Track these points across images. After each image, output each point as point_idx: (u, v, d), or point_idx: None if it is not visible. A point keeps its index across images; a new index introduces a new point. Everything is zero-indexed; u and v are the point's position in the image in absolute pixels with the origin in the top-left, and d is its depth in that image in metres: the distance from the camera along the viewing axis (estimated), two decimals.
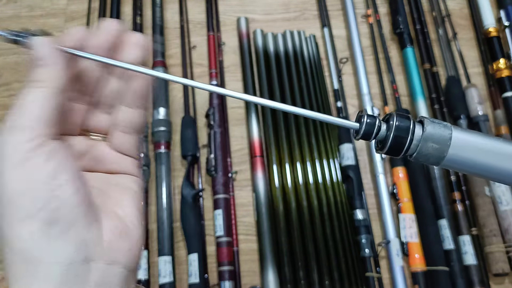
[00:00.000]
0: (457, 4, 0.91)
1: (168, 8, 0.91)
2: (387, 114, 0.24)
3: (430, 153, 0.23)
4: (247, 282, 0.69)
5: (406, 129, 0.23)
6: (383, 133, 0.24)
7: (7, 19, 0.92)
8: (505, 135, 0.76)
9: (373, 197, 0.75)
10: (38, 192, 0.22)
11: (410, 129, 0.23)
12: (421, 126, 0.23)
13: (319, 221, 0.70)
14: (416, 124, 0.23)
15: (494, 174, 0.24)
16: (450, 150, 0.23)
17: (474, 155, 0.23)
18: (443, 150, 0.23)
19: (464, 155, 0.23)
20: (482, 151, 0.23)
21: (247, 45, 0.85)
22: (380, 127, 0.23)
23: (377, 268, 0.69)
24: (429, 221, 0.70)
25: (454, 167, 0.24)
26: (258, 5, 0.93)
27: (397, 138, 0.23)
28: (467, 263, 0.68)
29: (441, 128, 0.23)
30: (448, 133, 0.23)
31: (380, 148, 0.24)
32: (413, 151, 0.23)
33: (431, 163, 0.24)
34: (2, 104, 0.84)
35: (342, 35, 0.89)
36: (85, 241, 0.22)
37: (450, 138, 0.23)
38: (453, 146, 0.23)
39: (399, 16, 0.85)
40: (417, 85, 0.80)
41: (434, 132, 0.23)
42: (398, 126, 0.23)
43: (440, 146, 0.23)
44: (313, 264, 0.67)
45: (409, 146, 0.23)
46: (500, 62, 0.81)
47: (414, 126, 0.23)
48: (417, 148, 0.23)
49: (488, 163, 0.24)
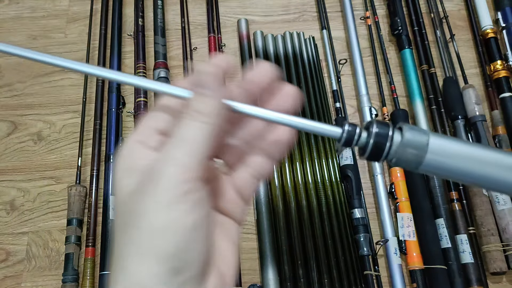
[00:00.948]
0: (454, 5, 0.92)
1: (169, 10, 0.92)
2: (367, 122, 0.25)
3: (409, 159, 0.24)
4: (247, 281, 0.70)
5: (385, 135, 0.24)
6: (364, 140, 0.24)
7: (10, 20, 0.93)
8: (503, 136, 0.77)
9: (371, 197, 0.76)
10: (176, 237, 0.21)
11: (389, 135, 0.24)
12: (400, 133, 0.24)
13: (318, 220, 0.71)
14: (395, 131, 0.24)
15: (471, 179, 0.25)
16: (427, 155, 0.24)
17: (451, 161, 0.24)
18: (421, 155, 0.24)
19: (441, 161, 0.24)
20: (459, 157, 0.24)
21: (247, 46, 0.86)
22: (360, 135, 0.24)
23: (376, 266, 0.70)
24: (426, 220, 0.71)
25: (432, 172, 0.25)
26: (258, 7, 0.93)
27: (376, 144, 0.24)
28: (465, 262, 0.69)
29: (419, 134, 0.24)
30: (426, 139, 0.24)
31: (361, 153, 0.25)
32: (392, 157, 0.24)
33: (411, 168, 0.25)
34: (4, 104, 0.85)
35: (341, 36, 0.90)
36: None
37: (427, 144, 0.24)
38: (430, 151, 0.24)
39: (397, 18, 0.86)
40: (415, 86, 0.81)
41: (412, 138, 0.24)
42: (377, 133, 0.24)
43: (418, 152, 0.24)
44: (312, 263, 0.68)
45: (388, 151, 0.24)
46: (497, 63, 0.82)
47: (393, 132, 0.24)
48: (396, 153, 0.24)
49: (465, 168, 0.24)
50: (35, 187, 0.78)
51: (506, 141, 0.76)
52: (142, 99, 0.80)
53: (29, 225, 0.75)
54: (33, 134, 0.82)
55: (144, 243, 0.21)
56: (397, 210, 0.72)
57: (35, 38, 0.91)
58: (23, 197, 0.77)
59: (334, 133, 0.24)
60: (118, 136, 0.78)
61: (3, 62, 0.89)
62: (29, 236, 0.74)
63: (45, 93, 0.86)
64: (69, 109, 0.84)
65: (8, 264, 0.73)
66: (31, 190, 0.78)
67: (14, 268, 0.72)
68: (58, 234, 0.74)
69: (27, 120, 0.83)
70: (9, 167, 0.80)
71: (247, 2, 0.94)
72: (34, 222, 0.75)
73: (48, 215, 0.76)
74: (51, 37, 0.91)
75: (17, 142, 0.82)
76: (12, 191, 0.78)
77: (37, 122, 0.83)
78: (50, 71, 0.87)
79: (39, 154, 0.80)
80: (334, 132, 0.24)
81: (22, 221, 0.75)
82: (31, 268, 0.72)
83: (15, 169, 0.79)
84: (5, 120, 0.83)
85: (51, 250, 0.73)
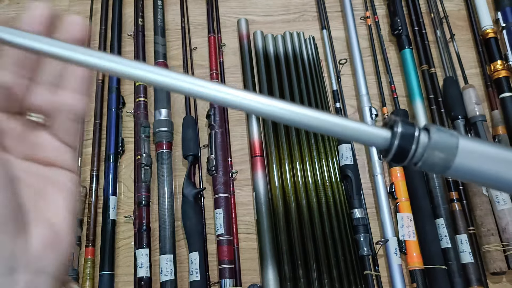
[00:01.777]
0: (455, 5, 0.92)
1: (169, 10, 0.92)
2: (391, 120, 0.23)
3: (436, 162, 0.22)
4: (247, 280, 0.70)
5: (411, 136, 0.22)
6: (388, 141, 0.23)
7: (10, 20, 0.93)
8: (503, 136, 0.77)
9: (371, 197, 0.76)
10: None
11: (415, 137, 0.22)
12: (426, 134, 0.23)
13: (318, 220, 0.71)
14: (422, 132, 0.23)
15: (501, 184, 0.23)
16: (456, 159, 0.22)
17: (481, 165, 0.23)
18: (449, 159, 0.22)
19: (470, 165, 0.23)
20: (489, 161, 0.23)
21: (247, 46, 0.86)
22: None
23: (376, 266, 0.70)
24: (426, 220, 0.71)
25: (460, 176, 0.23)
26: (258, 7, 0.93)
27: (401, 146, 0.22)
28: (465, 262, 0.69)
29: (447, 136, 0.22)
30: (455, 142, 0.22)
31: (384, 155, 0.23)
32: (418, 160, 0.22)
33: (437, 172, 0.23)
34: None
35: (341, 36, 0.90)
36: (11, 252, 0.20)
37: (457, 147, 0.22)
38: (459, 155, 0.22)
39: (398, 18, 0.86)
40: (415, 86, 0.81)
41: (440, 141, 0.22)
42: (402, 134, 0.22)
43: (446, 155, 0.22)
44: (312, 263, 0.68)
45: (414, 154, 0.22)
46: (497, 63, 0.82)
47: (419, 133, 0.22)
48: (422, 156, 0.22)
49: (496, 173, 0.23)
50: None
51: (506, 141, 0.76)
52: (142, 99, 0.80)
53: None
54: None
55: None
56: (397, 210, 0.72)
57: None
58: None
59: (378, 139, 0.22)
60: (118, 136, 0.78)
61: None
62: None
63: None
64: None
65: None
66: None
67: None
68: None
69: None
70: None
71: (247, 2, 0.94)
72: None
73: None
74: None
75: None
76: None
77: None
78: None
79: None
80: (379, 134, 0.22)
81: None
82: None
83: None
84: None
85: None
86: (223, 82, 0.85)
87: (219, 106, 0.79)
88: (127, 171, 0.78)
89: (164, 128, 0.76)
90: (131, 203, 0.75)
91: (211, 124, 0.78)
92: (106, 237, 0.71)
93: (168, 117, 0.78)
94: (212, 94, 0.22)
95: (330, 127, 0.22)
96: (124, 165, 0.79)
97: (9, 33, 0.22)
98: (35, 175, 0.23)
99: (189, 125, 0.78)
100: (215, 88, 0.22)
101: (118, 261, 0.72)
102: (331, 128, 0.23)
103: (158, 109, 0.78)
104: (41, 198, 0.23)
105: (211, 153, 0.75)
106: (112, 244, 0.71)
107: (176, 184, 0.76)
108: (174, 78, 0.22)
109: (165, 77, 0.22)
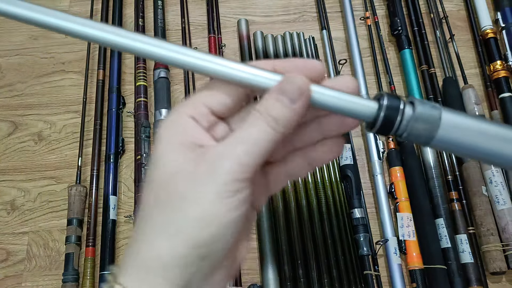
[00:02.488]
0: (454, 6, 0.92)
1: (170, 10, 0.92)
2: (377, 94, 0.24)
3: (420, 134, 0.23)
4: (247, 280, 0.70)
5: (396, 108, 0.23)
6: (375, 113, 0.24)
7: (11, 20, 0.93)
8: None
9: (371, 197, 0.76)
10: (211, 229, 0.21)
11: (400, 109, 0.23)
12: (411, 107, 0.24)
13: (318, 220, 0.71)
14: (407, 105, 0.24)
15: (483, 154, 0.24)
16: (439, 130, 0.23)
17: (463, 136, 0.24)
18: (432, 130, 0.23)
19: (453, 136, 0.24)
20: (472, 132, 0.24)
21: (247, 47, 0.86)
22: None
23: (375, 266, 0.70)
24: (426, 220, 0.71)
25: (443, 147, 0.24)
26: (258, 7, 0.94)
27: (387, 117, 0.23)
28: (464, 262, 0.69)
29: (431, 108, 0.23)
30: (438, 114, 0.23)
31: (370, 127, 0.24)
32: (403, 131, 0.24)
33: (421, 142, 0.24)
34: (5, 104, 0.85)
35: (340, 37, 0.90)
36: (205, 282, 0.22)
37: (440, 119, 0.23)
38: (442, 126, 0.23)
39: (397, 18, 0.86)
40: (415, 86, 0.81)
41: (424, 112, 0.23)
42: (388, 106, 0.23)
43: (429, 126, 0.23)
44: (312, 263, 0.68)
45: (399, 126, 0.23)
46: (497, 63, 0.82)
47: (404, 106, 0.23)
48: (406, 128, 0.23)
49: (477, 144, 0.24)
50: (35, 187, 0.78)
51: None
52: (142, 99, 0.80)
53: (29, 225, 0.75)
54: (33, 134, 0.82)
55: (177, 226, 0.21)
56: (397, 210, 0.72)
57: (36, 38, 0.91)
58: (23, 197, 0.77)
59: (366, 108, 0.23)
60: (118, 136, 0.79)
61: (4, 62, 0.89)
62: (30, 236, 0.74)
63: (46, 93, 0.86)
64: (70, 109, 0.84)
65: (8, 264, 0.73)
66: (31, 190, 0.78)
67: (15, 268, 0.72)
68: (58, 234, 0.74)
69: (28, 120, 0.83)
70: (9, 167, 0.80)
71: (247, 2, 0.94)
72: (35, 222, 0.75)
73: (48, 215, 0.76)
74: (52, 37, 0.91)
75: (18, 142, 0.82)
76: (13, 191, 0.78)
77: (37, 122, 0.83)
78: (50, 72, 0.88)
79: (40, 154, 0.81)
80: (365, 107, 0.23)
81: (23, 221, 0.76)
82: (31, 268, 0.72)
83: (16, 169, 0.80)
84: (6, 120, 0.84)
85: (52, 250, 0.73)
86: None
87: None
88: (128, 171, 0.78)
89: None
90: (131, 203, 0.75)
91: None
92: (107, 237, 0.71)
93: None
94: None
95: (317, 97, 0.23)
96: (125, 165, 0.79)
97: (5, 2, 0.22)
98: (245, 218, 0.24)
99: None
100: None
101: (119, 261, 0.72)
102: (318, 98, 0.23)
103: (159, 109, 0.78)
104: (242, 238, 0.24)
105: None
106: (112, 244, 0.71)
107: None
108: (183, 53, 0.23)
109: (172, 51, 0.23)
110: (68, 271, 0.68)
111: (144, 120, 0.78)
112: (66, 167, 0.79)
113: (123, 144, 0.79)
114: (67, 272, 0.68)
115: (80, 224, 0.72)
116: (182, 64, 0.23)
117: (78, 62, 0.88)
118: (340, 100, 0.23)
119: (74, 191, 0.73)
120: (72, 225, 0.71)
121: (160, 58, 0.23)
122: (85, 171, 0.77)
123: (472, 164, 0.74)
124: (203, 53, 0.23)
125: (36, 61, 0.89)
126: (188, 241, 0.21)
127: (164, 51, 0.23)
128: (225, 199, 0.21)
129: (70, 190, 0.74)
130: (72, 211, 0.72)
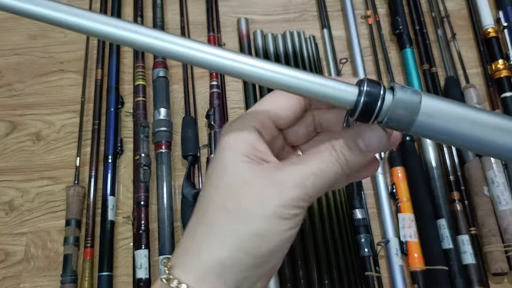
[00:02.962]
0: (456, 5, 0.91)
1: (169, 9, 0.92)
2: (358, 80, 0.24)
3: (400, 119, 0.23)
4: None
5: (377, 95, 0.23)
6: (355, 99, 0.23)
7: (10, 20, 0.93)
8: None
9: (372, 197, 0.76)
10: (271, 244, 0.23)
11: (381, 94, 0.23)
12: (391, 92, 0.23)
13: (319, 220, 0.70)
14: (387, 91, 0.23)
15: (463, 141, 0.24)
16: (419, 116, 0.23)
17: (444, 122, 0.23)
18: (412, 116, 0.23)
19: (434, 122, 0.23)
20: (452, 118, 0.23)
21: (247, 46, 0.86)
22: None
23: (377, 267, 0.69)
24: (428, 221, 0.71)
25: (424, 134, 0.24)
26: (258, 6, 0.93)
27: (367, 103, 0.23)
28: (466, 263, 0.68)
29: (411, 93, 0.23)
30: (418, 99, 0.23)
31: (350, 114, 0.24)
32: (383, 117, 0.23)
33: (401, 129, 0.24)
34: (3, 104, 0.84)
35: (341, 35, 0.89)
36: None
37: (420, 103, 0.23)
38: (422, 112, 0.23)
39: (399, 17, 0.86)
40: (416, 85, 0.81)
41: (403, 98, 0.23)
42: (368, 92, 0.23)
43: (409, 112, 0.23)
44: (312, 263, 0.67)
45: (379, 112, 0.23)
46: (499, 63, 0.81)
47: (384, 92, 0.23)
48: (386, 113, 0.23)
49: (458, 130, 0.23)
50: (34, 187, 0.77)
51: None
52: (141, 99, 0.79)
53: (28, 225, 0.75)
54: (32, 134, 0.82)
55: (242, 237, 0.23)
56: (398, 210, 0.72)
57: (35, 38, 0.90)
58: (22, 198, 0.77)
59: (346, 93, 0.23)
60: (117, 136, 0.78)
61: (3, 62, 0.88)
62: (28, 237, 0.74)
63: (45, 93, 0.85)
64: (68, 109, 0.83)
65: (7, 264, 0.72)
66: (30, 190, 0.77)
67: (13, 268, 0.72)
68: (57, 235, 0.74)
69: (26, 120, 0.83)
70: (8, 167, 0.79)
71: (247, 1, 0.93)
72: (33, 223, 0.75)
73: (47, 215, 0.75)
74: (51, 36, 0.90)
75: (16, 142, 0.81)
76: (11, 191, 0.77)
77: (36, 122, 0.83)
78: (49, 71, 0.87)
79: (38, 154, 0.80)
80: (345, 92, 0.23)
81: (21, 222, 0.75)
82: (30, 269, 0.72)
83: (14, 169, 0.79)
84: (4, 120, 0.83)
85: (50, 251, 0.73)
86: (223, 81, 0.84)
87: (219, 106, 0.79)
88: (126, 171, 0.78)
89: (163, 128, 0.76)
90: (130, 203, 0.75)
91: (210, 124, 0.77)
92: (105, 238, 0.70)
93: (167, 117, 0.77)
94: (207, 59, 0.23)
95: (293, 82, 0.23)
96: (123, 165, 0.78)
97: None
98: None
99: (188, 125, 0.78)
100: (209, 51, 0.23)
101: (117, 262, 0.72)
102: (296, 84, 0.23)
103: (157, 109, 0.77)
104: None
105: (210, 153, 0.75)
106: (111, 245, 0.70)
107: (176, 184, 0.76)
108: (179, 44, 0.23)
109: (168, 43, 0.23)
110: (66, 272, 0.68)
111: (143, 120, 0.77)
112: (64, 167, 0.78)
113: (121, 144, 0.78)
114: (65, 273, 0.68)
115: (79, 225, 0.72)
116: (260, 79, 0.23)
117: (77, 62, 0.87)
118: (321, 86, 0.23)
119: (72, 192, 0.73)
120: (70, 226, 0.71)
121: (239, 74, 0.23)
122: (84, 171, 0.77)
123: (474, 164, 0.73)
124: (284, 66, 0.23)
125: (35, 61, 0.88)
126: (249, 252, 0.23)
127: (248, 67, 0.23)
128: (285, 220, 0.23)
129: (68, 191, 0.73)
130: (70, 211, 0.72)
